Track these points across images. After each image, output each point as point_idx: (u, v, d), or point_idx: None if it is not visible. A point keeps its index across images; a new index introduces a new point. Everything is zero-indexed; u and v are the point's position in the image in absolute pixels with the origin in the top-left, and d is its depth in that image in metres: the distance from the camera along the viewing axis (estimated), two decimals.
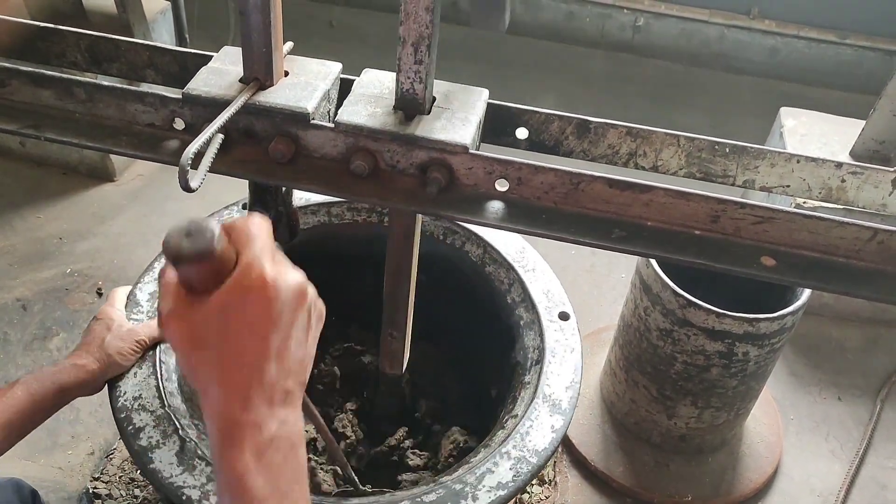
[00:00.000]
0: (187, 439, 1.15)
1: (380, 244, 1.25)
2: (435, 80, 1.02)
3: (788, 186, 1.07)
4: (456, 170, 0.96)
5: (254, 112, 0.97)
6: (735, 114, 3.18)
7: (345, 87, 1.07)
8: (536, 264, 1.47)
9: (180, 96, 0.98)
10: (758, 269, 0.92)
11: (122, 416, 1.19)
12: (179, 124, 1.01)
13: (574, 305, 1.40)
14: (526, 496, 1.77)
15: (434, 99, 1.01)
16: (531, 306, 1.41)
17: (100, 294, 2.19)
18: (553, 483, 1.79)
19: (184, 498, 1.08)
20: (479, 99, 1.03)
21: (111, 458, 1.77)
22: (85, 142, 1.02)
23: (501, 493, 1.12)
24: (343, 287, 1.54)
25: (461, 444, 1.48)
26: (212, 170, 0.92)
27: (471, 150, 0.95)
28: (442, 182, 0.95)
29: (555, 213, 0.96)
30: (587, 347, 2.13)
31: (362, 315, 1.67)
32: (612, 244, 0.94)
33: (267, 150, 0.99)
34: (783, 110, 2.37)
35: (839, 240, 0.92)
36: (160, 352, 1.29)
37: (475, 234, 1.52)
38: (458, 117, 0.99)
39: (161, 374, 1.25)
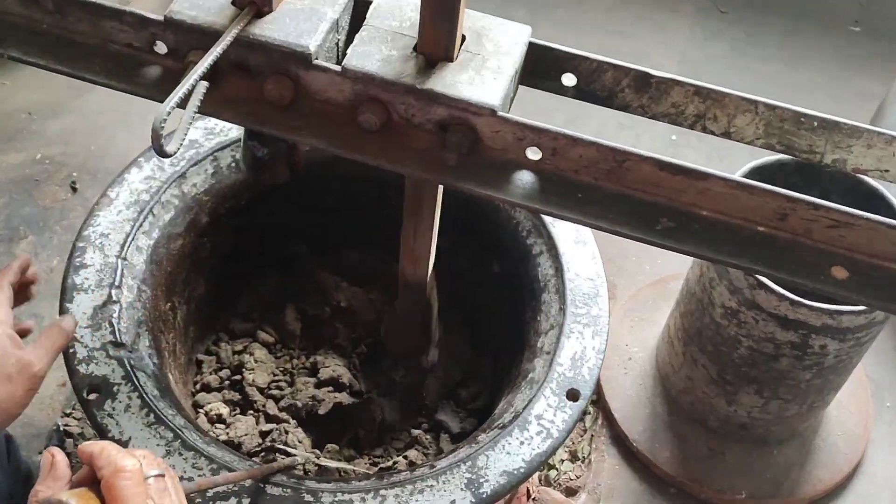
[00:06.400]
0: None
1: None
2: (467, 11, 1.05)
3: (888, 172, 1.10)
4: (481, 132, 1.01)
5: (247, 45, 1.02)
6: None
7: (359, 10, 1.11)
8: None
9: (162, 18, 1.04)
10: (826, 281, 0.97)
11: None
12: (161, 48, 1.08)
13: (639, 247, 1.46)
14: (553, 472, 1.89)
15: (464, 39, 1.05)
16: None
17: (74, 189, 2.30)
18: (587, 461, 1.91)
19: None
20: (516, 42, 1.06)
21: None
22: (52, 63, 1.09)
23: None
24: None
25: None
26: (197, 110, 0.98)
27: (499, 113, 0.99)
28: (464, 147, 1.01)
29: (593, 192, 1.01)
30: (649, 298, 2.20)
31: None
32: (656, 238, 0.99)
33: (261, 86, 1.05)
34: None
35: None
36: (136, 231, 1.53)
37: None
38: (489, 67, 1.03)
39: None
